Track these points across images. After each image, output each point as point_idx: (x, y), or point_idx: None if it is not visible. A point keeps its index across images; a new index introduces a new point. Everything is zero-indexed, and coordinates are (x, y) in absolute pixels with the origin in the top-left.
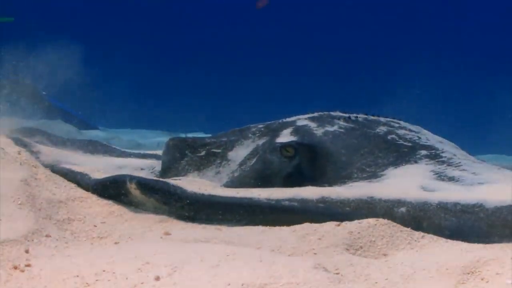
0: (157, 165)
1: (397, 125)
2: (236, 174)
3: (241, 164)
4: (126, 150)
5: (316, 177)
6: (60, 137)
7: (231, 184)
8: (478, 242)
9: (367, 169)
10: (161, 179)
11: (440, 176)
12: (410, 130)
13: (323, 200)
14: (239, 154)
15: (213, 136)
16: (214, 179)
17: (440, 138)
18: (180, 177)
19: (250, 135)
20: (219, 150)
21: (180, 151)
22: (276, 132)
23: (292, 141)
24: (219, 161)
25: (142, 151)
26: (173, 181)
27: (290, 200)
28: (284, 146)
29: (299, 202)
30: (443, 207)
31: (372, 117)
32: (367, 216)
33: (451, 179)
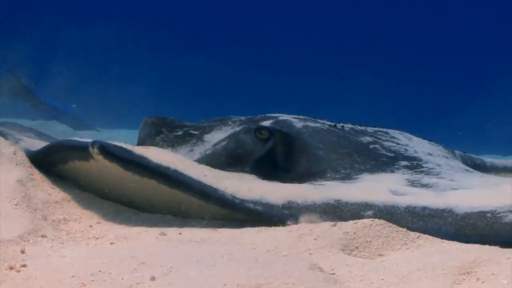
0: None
1: (383, 137)
2: (208, 152)
3: (215, 145)
4: None
5: (289, 168)
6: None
7: (201, 160)
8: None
9: (342, 171)
10: (128, 146)
11: (413, 183)
12: (398, 143)
13: (289, 206)
14: (215, 137)
15: (194, 122)
16: (186, 156)
17: (430, 148)
18: (150, 146)
19: (230, 123)
20: (196, 132)
21: (156, 128)
22: (256, 122)
23: (268, 126)
24: (194, 141)
25: None
26: (142, 149)
27: (255, 203)
28: (259, 128)
29: (264, 207)
30: (411, 211)
31: (359, 127)
32: (333, 220)
33: (424, 185)
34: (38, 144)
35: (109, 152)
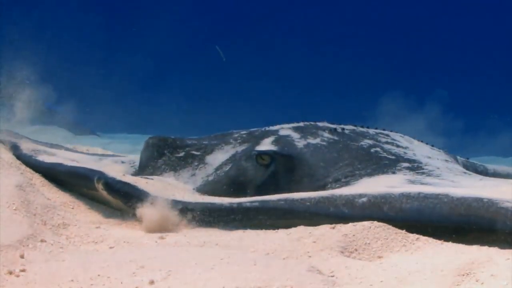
0: (138, 160)
1: (384, 139)
2: (210, 179)
3: (217, 169)
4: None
5: (291, 188)
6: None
7: (204, 187)
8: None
9: (342, 179)
10: (129, 180)
11: (414, 182)
12: (398, 145)
13: (284, 199)
14: (217, 159)
15: (195, 138)
16: (188, 181)
17: (430, 152)
18: (153, 176)
19: (231, 140)
20: (198, 153)
21: (158, 150)
22: (257, 140)
23: (269, 150)
24: (196, 164)
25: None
26: (143, 180)
27: (251, 201)
28: (260, 154)
29: (260, 202)
30: (405, 195)
31: (360, 129)
32: (328, 208)
33: (424, 184)
34: (35, 149)
35: (113, 189)
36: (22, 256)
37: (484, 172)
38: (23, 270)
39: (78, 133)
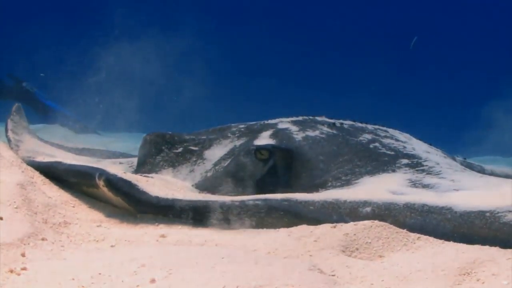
0: (136, 160)
1: (383, 134)
2: (209, 174)
3: (215, 164)
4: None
5: (290, 182)
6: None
7: (203, 183)
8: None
9: (343, 178)
10: (130, 178)
11: (415, 184)
12: (397, 140)
13: (287, 199)
14: (216, 154)
15: (193, 133)
16: (187, 177)
17: (428, 148)
18: (153, 174)
19: (229, 134)
20: (196, 148)
21: (156, 147)
22: (255, 133)
23: (267, 145)
24: (194, 159)
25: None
26: (144, 179)
27: (254, 199)
28: (259, 149)
29: (263, 201)
30: (410, 207)
31: (359, 124)
32: (331, 215)
33: (426, 186)
34: (37, 147)
35: (114, 186)
36: (23, 255)
37: (482, 172)
38: (24, 269)
39: (80, 131)
